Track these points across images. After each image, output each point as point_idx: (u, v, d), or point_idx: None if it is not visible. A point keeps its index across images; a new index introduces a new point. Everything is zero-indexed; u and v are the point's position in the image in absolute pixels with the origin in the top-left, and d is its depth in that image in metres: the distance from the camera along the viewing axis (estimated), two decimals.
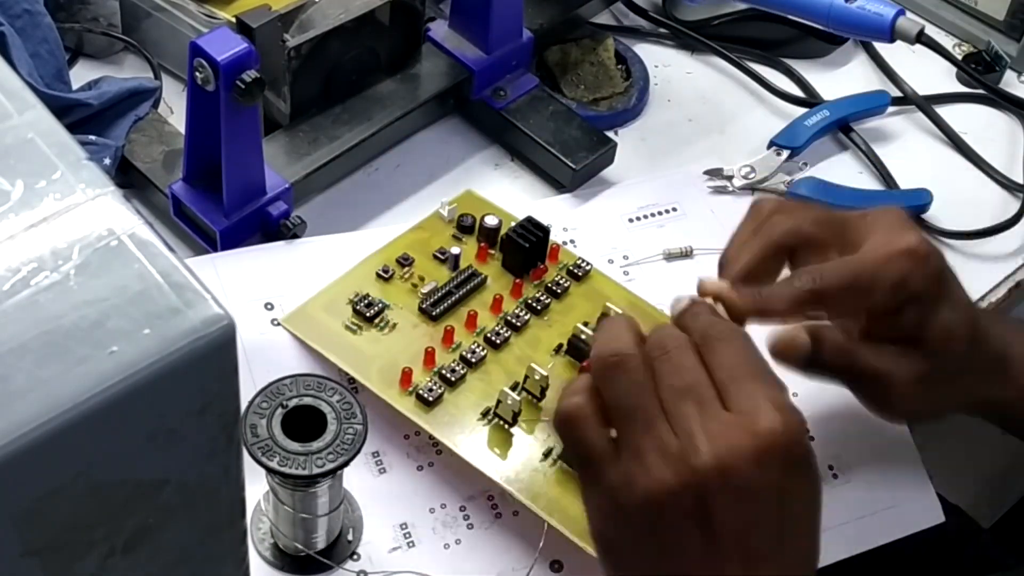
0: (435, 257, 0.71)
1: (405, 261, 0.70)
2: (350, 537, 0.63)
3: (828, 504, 0.68)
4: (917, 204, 0.86)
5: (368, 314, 0.67)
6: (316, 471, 0.55)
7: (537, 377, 0.65)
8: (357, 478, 0.64)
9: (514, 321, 0.68)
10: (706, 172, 0.85)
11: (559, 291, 0.71)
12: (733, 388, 0.50)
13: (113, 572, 0.39)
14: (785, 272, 0.62)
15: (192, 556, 0.42)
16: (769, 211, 0.61)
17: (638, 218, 0.81)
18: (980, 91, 0.96)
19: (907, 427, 0.72)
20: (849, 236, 0.61)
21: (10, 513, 0.34)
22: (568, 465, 0.62)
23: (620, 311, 0.69)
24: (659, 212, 0.81)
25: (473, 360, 0.66)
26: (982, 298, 0.83)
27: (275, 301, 0.70)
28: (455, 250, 0.71)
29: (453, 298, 0.68)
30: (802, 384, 0.71)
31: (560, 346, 0.68)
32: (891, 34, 0.83)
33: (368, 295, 0.67)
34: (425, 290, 0.68)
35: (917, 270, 0.59)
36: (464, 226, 0.73)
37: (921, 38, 0.83)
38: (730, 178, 0.85)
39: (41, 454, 0.33)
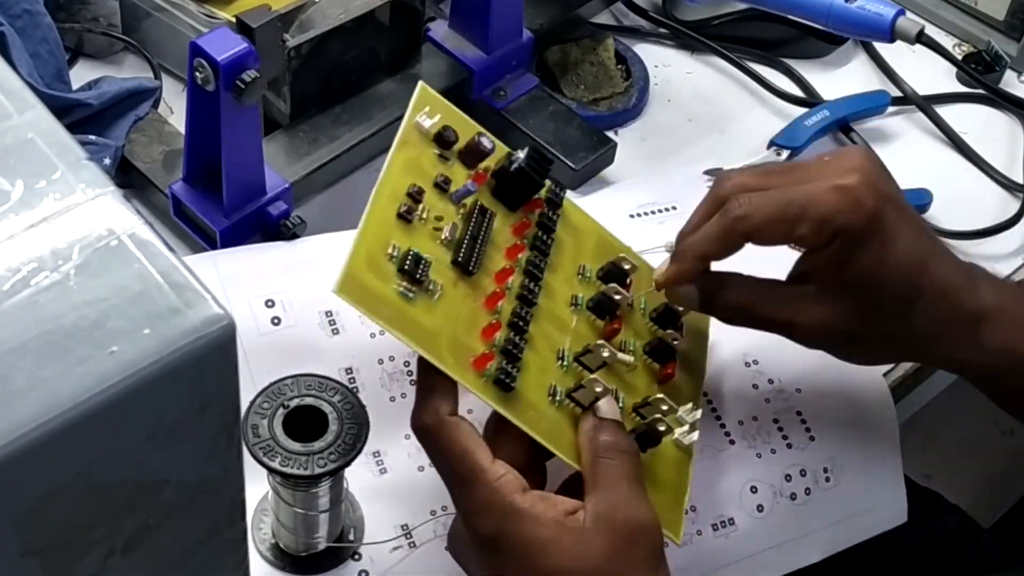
0: (437, 187, 0.61)
1: (418, 195, 0.60)
2: (351, 537, 0.63)
3: (818, 506, 0.68)
4: (917, 204, 0.86)
5: (416, 274, 0.57)
6: (318, 471, 0.55)
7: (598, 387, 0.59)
8: (358, 478, 0.64)
9: (534, 270, 0.62)
10: (706, 172, 0.85)
11: (551, 226, 0.64)
12: None
13: (113, 572, 0.39)
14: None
15: (192, 556, 0.42)
16: (728, 191, 0.60)
17: (638, 215, 0.80)
18: (980, 91, 0.96)
19: (896, 428, 0.72)
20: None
21: (10, 513, 0.34)
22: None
23: (634, 260, 0.65)
24: (659, 210, 0.81)
25: (523, 327, 0.59)
26: None
27: (276, 298, 0.70)
28: (472, 186, 0.61)
29: (478, 245, 0.60)
30: (806, 383, 0.72)
31: (575, 298, 0.63)
32: (891, 34, 0.83)
33: (410, 250, 0.58)
34: (446, 235, 0.60)
35: (847, 206, 0.58)
36: (446, 141, 0.62)
37: (921, 38, 0.83)
38: None
39: (41, 454, 0.33)
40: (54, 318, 0.34)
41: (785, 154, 0.87)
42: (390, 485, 0.65)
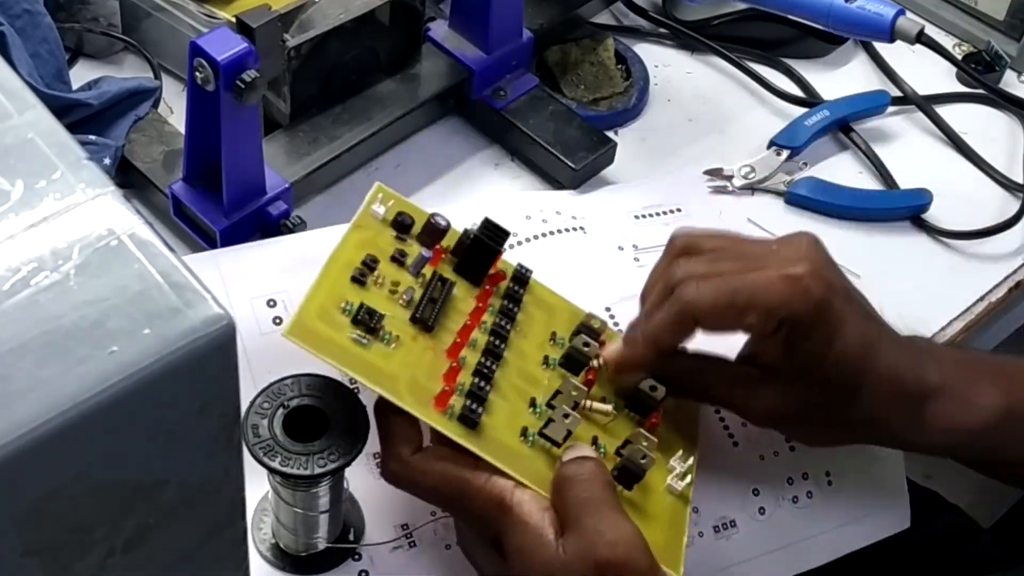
0: (394, 260, 0.63)
1: (373, 263, 0.62)
2: (351, 537, 0.63)
3: (821, 510, 0.68)
4: (917, 204, 0.86)
5: (371, 324, 0.59)
6: (318, 471, 0.55)
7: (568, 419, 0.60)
8: (358, 479, 0.64)
9: (500, 331, 0.63)
10: (706, 172, 0.85)
11: (518, 298, 0.65)
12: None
13: (113, 572, 0.39)
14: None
15: (192, 556, 0.42)
16: (679, 279, 0.60)
17: (643, 216, 0.80)
18: (980, 91, 0.96)
19: None
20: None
21: (10, 513, 0.34)
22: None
23: (601, 319, 0.65)
24: (664, 212, 0.81)
25: (488, 374, 0.61)
26: (982, 298, 0.83)
27: (277, 298, 0.69)
28: (426, 253, 0.64)
29: (437, 307, 0.62)
30: None
31: (546, 358, 0.64)
32: (891, 34, 0.83)
33: (363, 303, 0.60)
34: (404, 298, 0.62)
35: (794, 297, 0.58)
36: (403, 225, 0.64)
37: (921, 38, 0.83)
38: (730, 178, 0.85)
39: (41, 454, 0.33)
40: (54, 318, 0.34)
41: (785, 154, 0.87)
42: (390, 485, 0.65)
